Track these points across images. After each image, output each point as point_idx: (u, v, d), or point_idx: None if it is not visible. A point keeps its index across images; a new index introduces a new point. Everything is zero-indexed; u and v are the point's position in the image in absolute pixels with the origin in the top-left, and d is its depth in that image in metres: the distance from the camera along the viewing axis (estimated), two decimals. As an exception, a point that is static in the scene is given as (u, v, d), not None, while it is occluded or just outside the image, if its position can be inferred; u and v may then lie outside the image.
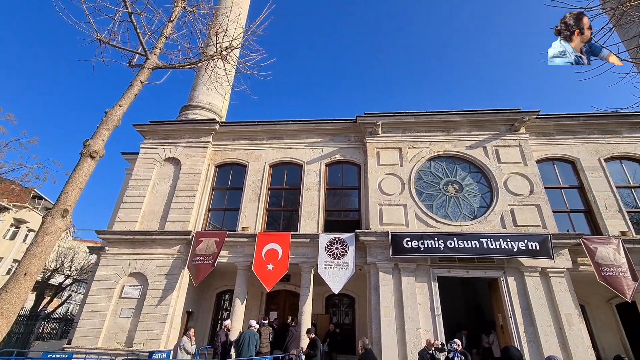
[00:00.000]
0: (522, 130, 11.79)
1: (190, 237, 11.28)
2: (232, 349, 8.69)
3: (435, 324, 9.31)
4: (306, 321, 9.99)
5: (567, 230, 10.56)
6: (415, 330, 9.16)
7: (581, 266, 9.68)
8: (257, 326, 9.69)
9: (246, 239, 11.19)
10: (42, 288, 20.88)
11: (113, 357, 7.01)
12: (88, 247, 14.53)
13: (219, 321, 12.76)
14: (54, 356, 6.59)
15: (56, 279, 26.14)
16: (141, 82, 4.24)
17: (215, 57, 5.00)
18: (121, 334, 10.26)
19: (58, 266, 23.74)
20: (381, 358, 8.96)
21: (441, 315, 9.48)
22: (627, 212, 10.67)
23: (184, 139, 13.51)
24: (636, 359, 10.06)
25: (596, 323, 10.91)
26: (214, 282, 12.95)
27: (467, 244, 9.67)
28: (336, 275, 10.28)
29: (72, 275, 24.39)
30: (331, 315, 12.61)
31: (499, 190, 10.88)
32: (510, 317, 9.18)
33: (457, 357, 6.98)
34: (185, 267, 10.94)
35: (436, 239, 9.85)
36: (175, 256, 11.19)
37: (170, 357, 7.86)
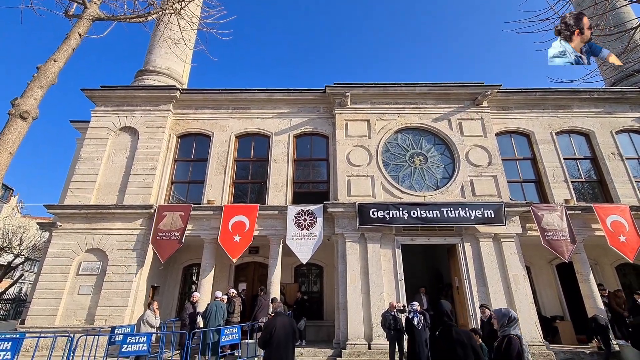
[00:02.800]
0: (485, 104, 12.20)
1: (153, 210, 10.80)
2: (200, 320, 8.68)
3: (398, 288, 9.85)
4: (275, 291, 10.16)
5: (516, 199, 11.35)
6: (379, 295, 9.64)
7: (529, 231, 10.53)
8: (225, 297, 9.73)
9: (212, 212, 10.92)
10: (-11, 268, 19.36)
11: (72, 335, 6.72)
12: (38, 224, 13.50)
13: (187, 295, 12.64)
14: (3, 336, 6.18)
15: (4, 258, 24.32)
16: (79, 34, 3.72)
17: (167, 12, 4.49)
18: (81, 311, 9.87)
19: (5, 245, 21.99)
20: (347, 321, 9.42)
21: (404, 280, 10.03)
22: (572, 181, 11.65)
23: (140, 107, 12.55)
24: (569, 311, 11.39)
25: (538, 282, 12.11)
26: (179, 257, 12.66)
27: (430, 214, 10.13)
28: (304, 246, 10.42)
29: (22, 254, 22.76)
30: (299, 285, 12.92)
31: (461, 161, 11.34)
32: (465, 279, 9.92)
33: (417, 316, 7.47)
34: (149, 242, 10.54)
35: (401, 209, 10.20)
36: (139, 231, 10.71)
37: (135, 331, 7.71)
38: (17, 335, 6.29)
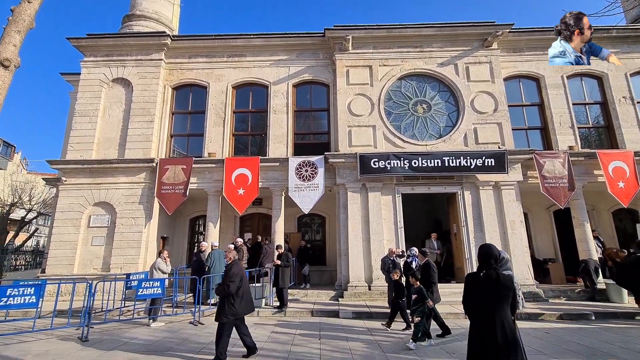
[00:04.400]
0: (495, 45, 11.47)
1: (155, 164, 10.84)
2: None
3: (397, 235, 10.19)
4: (279, 240, 10.57)
5: (520, 147, 11.20)
6: (379, 242, 10.02)
7: (530, 179, 10.56)
8: (232, 246, 10.17)
9: (214, 165, 10.95)
10: (3, 223, 20.13)
11: (90, 281, 7.18)
12: (43, 179, 13.71)
13: (195, 244, 13.22)
14: (25, 282, 6.63)
15: (17, 214, 25.17)
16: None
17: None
18: (96, 260, 10.42)
19: (16, 200, 22.60)
20: (349, 266, 9.93)
21: (403, 228, 10.34)
22: (578, 127, 11.38)
23: (131, 56, 11.95)
24: (562, 254, 11.88)
25: (535, 227, 12.47)
26: (185, 209, 13.00)
27: (431, 163, 10.09)
28: (306, 197, 10.60)
29: (33, 209, 23.49)
30: (303, 234, 13.41)
31: (465, 109, 11.00)
32: (464, 226, 10.21)
33: (415, 261, 7.82)
34: (155, 196, 10.75)
35: (402, 158, 10.14)
36: (143, 185, 10.87)
37: (148, 277, 8.22)
38: (39, 282, 6.72)
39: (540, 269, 11.31)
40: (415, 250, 8.11)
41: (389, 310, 8.15)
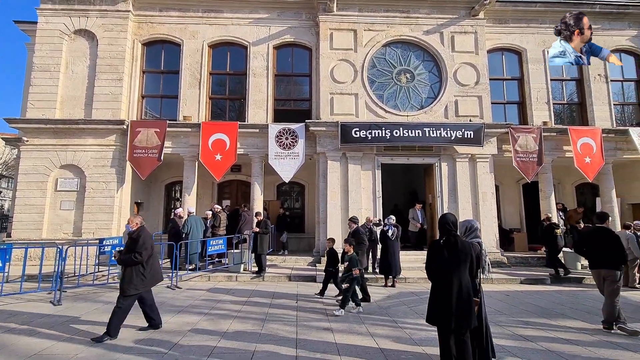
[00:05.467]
0: (481, 15, 11.25)
1: (125, 126, 10.27)
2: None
3: (375, 205, 10.41)
4: (258, 207, 10.53)
5: (497, 120, 11.43)
6: (357, 210, 10.19)
7: (505, 153, 10.89)
8: (210, 213, 10.09)
9: (190, 129, 10.51)
10: (-39, 185, 18.84)
11: (60, 246, 6.95)
12: (3, 139, 12.75)
13: (171, 210, 12.98)
14: (-11, 248, 6.33)
15: (-24, 176, 23.57)
16: None
17: None
18: (66, 225, 10.06)
19: (-27, 162, 21.06)
20: (327, 233, 10.12)
21: (381, 198, 10.55)
22: (553, 103, 11.67)
23: (95, 6, 10.84)
24: (527, 225, 12.62)
25: (504, 199, 13.08)
26: (161, 174, 12.59)
27: (411, 133, 10.14)
28: (286, 165, 10.49)
29: (-6, 171, 22.04)
30: (282, 201, 13.43)
31: (448, 80, 10.95)
32: (438, 196, 10.54)
33: (391, 229, 8.07)
34: (127, 159, 10.29)
35: (383, 128, 10.12)
36: (113, 147, 10.34)
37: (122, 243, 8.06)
38: (5, 246, 6.43)
39: (506, 238, 12.03)
40: (392, 219, 8.33)
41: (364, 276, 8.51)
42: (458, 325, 3.03)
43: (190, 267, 8.66)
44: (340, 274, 6.37)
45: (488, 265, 3.95)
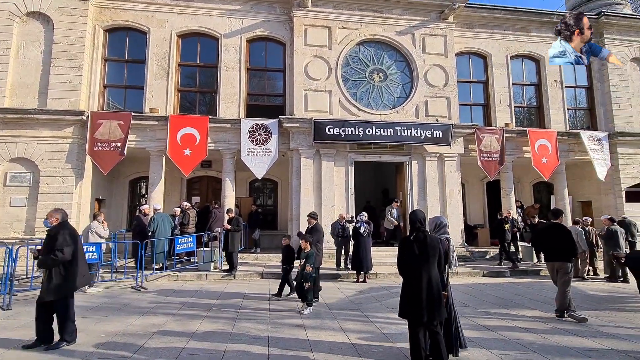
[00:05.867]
0: (450, 19, 11.65)
1: (85, 118, 9.62)
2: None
3: (348, 201, 10.53)
4: (229, 204, 10.28)
5: (464, 121, 11.94)
6: (330, 207, 10.27)
7: (471, 152, 11.40)
8: (178, 210, 9.73)
9: (157, 122, 10.04)
10: None
11: (10, 246, 6.39)
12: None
13: (136, 207, 12.38)
14: None
15: None
16: None
17: None
18: (17, 223, 9.30)
19: None
20: (300, 230, 10.09)
21: (354, 195, 10.69)
22: (515, 106, 12.37)
23: (50, -14, 10.02)
24: (490, 221, 13.32)
25: (469, 196, 13.73)
26: (125, 169, 11.95)
27: (384, 132, 10.34)
28: (259, 162, 10.33)
29: None
30: (254, 198, 13.23)
31: (419, 81, 11.25)
32: (409, 194, 10.85)
33: (363, 225, 8.20)
34: (86, 153, 9.66)
35: (357, 126, 10.24)
36: (71, 140, 9.66)
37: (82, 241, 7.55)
38: (-58, 248, 5.82)
39: (471, 233, 12.64)
40: (364, 215, 8.47)
41: (336, 272, 8.61)
42: (429, 318, 3.15)
43: (157, 267, 8.30)
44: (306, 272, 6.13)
45: (455, 259, 4.13)
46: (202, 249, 8.81)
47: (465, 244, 11.04)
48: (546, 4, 53.42)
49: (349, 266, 8.64)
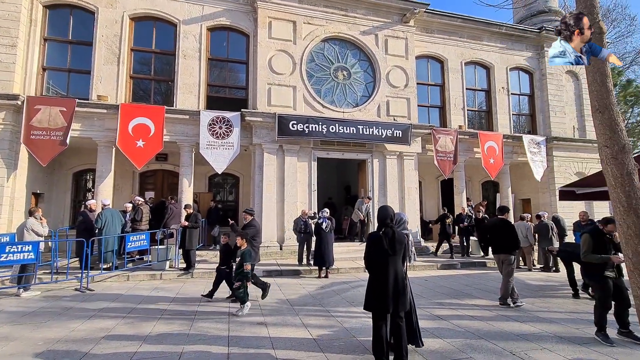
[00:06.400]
0: (411, 23, 12.09)
1: (20, 102, 8.61)
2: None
3: (311, 198, 10.57)
4: (187, 200, 9.85)
5: (422, 122, 12.51)
6: (293, 203, 10.24)
7: (428, 152, 11.98)
8: (130, 205, 9.11)
9: (105, 111, 9.28)
10: None
11: None
12: None
13: (82, 202, 11.37)
14: None
15: None
16: None
17: None
18: None
19: None
20: (262, 226, 9.94)
21: (317, 191, 10.75)
22: (467, 110, 13.20)
23: (-25, -50, 8.78)
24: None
25: (426, 194, 14.44)
26: (67, 161, 10.91)
27: (347, 130, 10.50)
28: (220, 156, 9.99)
29: None
30: (214, 194, 12.78)
31: (381, 81, 11.56)
32: (370, 190, 11.15)
33: (325, 221, 8.29)
34: (21, 142, 8.66)
35: (320, 123, 10.28)
36: (2, 126, 8.62)
37: (15, 240, 6.77)
38: None
39: (426, 228, 13.31)
40: (326, 212, 8.55)
41: (298, 268, 8.62)
42: (396, 309, 3.30)
43: (105, 267, 7.71)
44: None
45: (413, 254, 4.32)
46: (156, 247, 8.33)
47: (422, 238, 11.61)
48: (499, 16, 57.58)
49: (311, 262, 8.69)
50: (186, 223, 8.00)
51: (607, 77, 3.06)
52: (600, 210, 12.87)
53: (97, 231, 7.84)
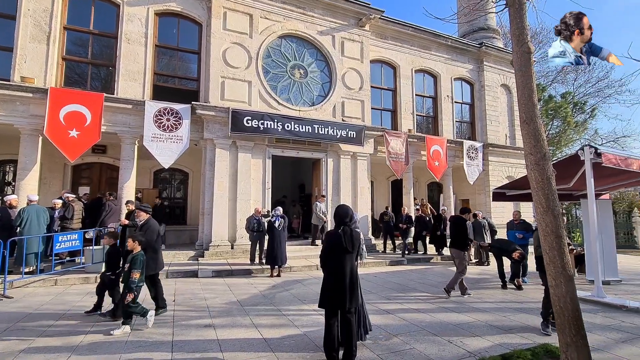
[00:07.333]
0: (367, 27, 12.47)
1: None
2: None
3: (264, 196, 10.40)
4: (129, 196, 9.11)
5: (375, 124, 12.99)
6: (246, 201, 10.00)
7: (379, 153, 12.45)
8: (59, 202, 8.19)
9: (31, 95, 8.21)
10: None
11: None
12: None
13: (0, 198, 9.95)
14: None
15: None
16: None
17: None
18: None
19: None
20: (212, 225, 9.57)
21: (270, 189, 10.61)
22: (416, 115, 13.98)
23: None
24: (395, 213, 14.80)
25: (377, 193, 15.02)
26: (-20, 150, 9.47)
27: (302, 128, 10.50)
28: (167, 150, 9.39)
29: None
30: (160, 190, 12.00)
31: (337, 82, 11.75)
32: (324, 189, 11.28)
33: (278, 220, 8.21)
34: None
35: (276, 120, 10.15)
36: None
37: None
38: None
39: (376, 227, 13.84)
40: (280, 210, 8.48)
41: (250, 267, 8.44)
42: (350, 305, 3.39)
43: (27, 270, 6.83)
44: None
45: (364, 252, 4.46)
46: (91, 247, 7.58)
47: (372, 236, 12.05)
48: (446, 29, 61.70)
49: (264, 261, 8.56)
50: (126, 221, 7.38)
51: (533, 92, 3.44)
52: (526, 210, 14.48)
53: (17, 230, 6.92)
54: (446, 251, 11.04)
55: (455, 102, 14.91)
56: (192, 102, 9.61)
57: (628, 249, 14.86)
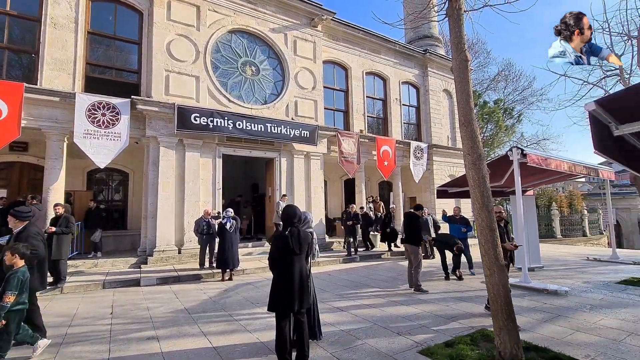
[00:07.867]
0: (319, 28, 12.56)
1: None
2: None
3: (215, 196, 9.96)
4: (56, 199, 8.12)
5: (327, 124, 13.16)
6: (195, 203, 9.49)
7: (332, 152, 12.63)
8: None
9: None
10: None
11: None
12: None
13: None
14: None
15: None
16: None
17: None
18: None
19: None
20: (156, 229, 8.92)
21: (221, 190, 10.20)
22: (367, 116, 14.43)
23: None
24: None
25: (330, 192, 15.23)
26: None
27: (255, 127, 10.25)
28: (102, 147, 8.54)
29: None
30: (95, 192, 10.90)
31: (290, 81, 11.67)
32: (278, 189, 11.14)
33: (229, 221, 7.91)
34: None
35: (226, 118, 9.78)
36: None
37: None
38: None
39: (331, 226, 14.06)
40: (231, 211, 8.17)
41: (200, 272, 8.02)
42: (300, 306, 3.35)
43: None
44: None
45: (317, 251, 4.46)
46: None
47: (326, 235, 12.18)
48: (394, 34, 64.57)
49: (214, 265, 8.19)
50: (53, 229, 6.58)
51: (470, 97, 3.72)
52: (465, 206, 15.71)
53: None
54: (395, 248, 11.57)
55: (403, 104, 15.67)
56: (132, 97, 8.86)
57: (548, 239, 16.92)
